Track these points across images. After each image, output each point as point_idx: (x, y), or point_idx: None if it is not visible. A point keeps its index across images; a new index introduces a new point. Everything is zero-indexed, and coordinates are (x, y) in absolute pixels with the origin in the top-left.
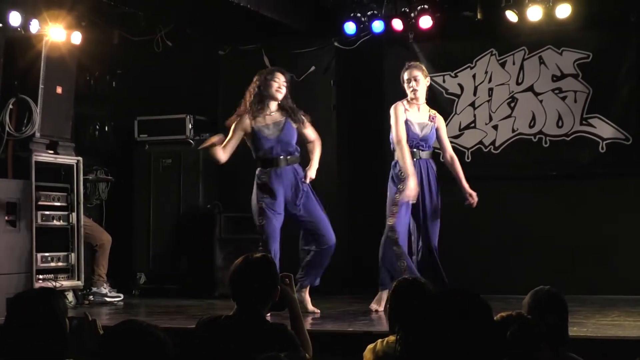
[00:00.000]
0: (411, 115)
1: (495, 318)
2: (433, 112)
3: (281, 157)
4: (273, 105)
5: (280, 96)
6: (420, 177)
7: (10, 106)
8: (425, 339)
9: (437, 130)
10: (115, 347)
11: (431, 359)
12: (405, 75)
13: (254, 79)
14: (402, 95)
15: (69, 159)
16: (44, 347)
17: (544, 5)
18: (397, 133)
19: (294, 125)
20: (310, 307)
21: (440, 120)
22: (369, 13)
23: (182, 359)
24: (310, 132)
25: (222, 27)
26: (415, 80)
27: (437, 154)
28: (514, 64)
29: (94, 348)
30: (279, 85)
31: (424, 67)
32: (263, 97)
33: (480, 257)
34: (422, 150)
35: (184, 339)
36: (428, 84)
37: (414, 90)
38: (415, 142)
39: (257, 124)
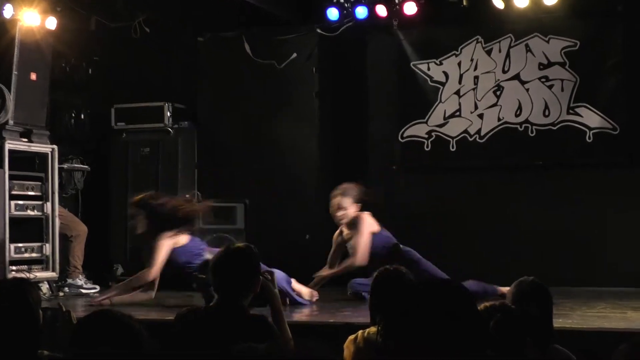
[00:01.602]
0: None
1: (479, 308)
2: None
3: None
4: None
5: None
6: None
7: None
8: (407, 328)
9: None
10: (88, 336)
11: (413, 349)
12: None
13: None
14: (384, 82)
15: (44, 148)
16: (17, 338)
17: None
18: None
19: None
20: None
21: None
22: None
23: (161, 350)
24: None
25: (201, 13)
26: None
27: None
28: (500, 51)
29: (68, 339)
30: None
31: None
32: None
33: (465, 247)
34: None
35: (163, 331)
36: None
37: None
38: None
39: None
